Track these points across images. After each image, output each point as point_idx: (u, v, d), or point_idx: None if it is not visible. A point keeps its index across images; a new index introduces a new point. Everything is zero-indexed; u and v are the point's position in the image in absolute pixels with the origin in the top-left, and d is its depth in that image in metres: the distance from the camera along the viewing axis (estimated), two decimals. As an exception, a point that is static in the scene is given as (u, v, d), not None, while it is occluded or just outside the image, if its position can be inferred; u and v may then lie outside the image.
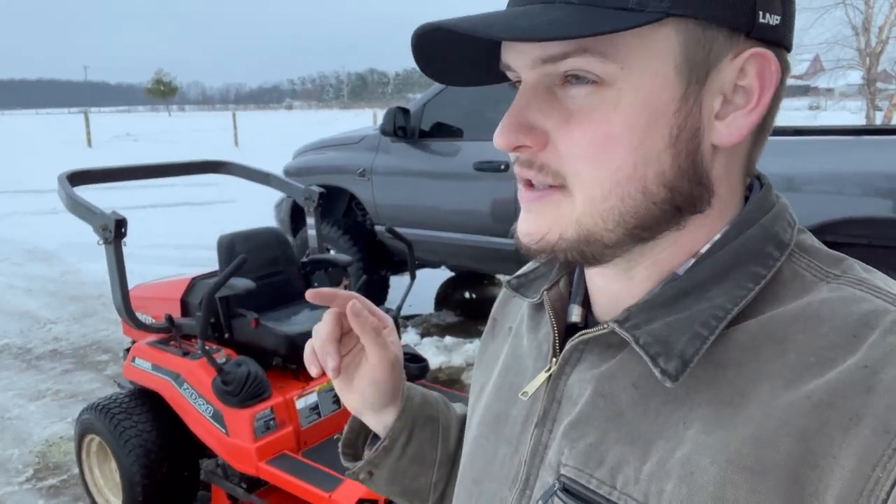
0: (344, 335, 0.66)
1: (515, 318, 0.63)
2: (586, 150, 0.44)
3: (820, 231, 2.98)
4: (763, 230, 0.46)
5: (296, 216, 4.85)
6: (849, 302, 0.42)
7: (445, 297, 5.57)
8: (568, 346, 0.51)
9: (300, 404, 2.34)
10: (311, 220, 3.05)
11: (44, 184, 11.09)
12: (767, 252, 0.46)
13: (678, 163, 0.44)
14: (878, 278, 0.45)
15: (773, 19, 0.44)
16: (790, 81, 0.51)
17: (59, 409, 3.51)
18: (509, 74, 0.49)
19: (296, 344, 2.38)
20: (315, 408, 2.38)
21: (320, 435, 2.37)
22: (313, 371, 0.64)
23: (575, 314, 0.55)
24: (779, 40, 0.45)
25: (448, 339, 4.34)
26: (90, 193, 2.51)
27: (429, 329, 4.69)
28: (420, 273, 4.96)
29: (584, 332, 0.50)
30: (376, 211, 4.51)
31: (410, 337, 4.40)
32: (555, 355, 0.53)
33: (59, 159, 14.31)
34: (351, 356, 0.66)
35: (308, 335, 2.41)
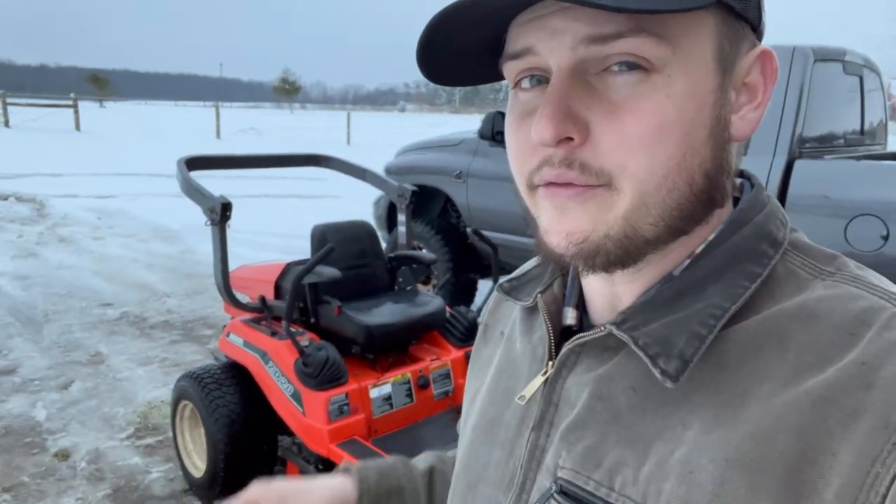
0: None
1: (507, 322, 0.63)
2: (640, 141, 0.41)
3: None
4: (757, 229, 0.46)
5: (392, 212, 4.99)
6: (845, 299, 0.42)
7: (534, 306, 5.52)
8: (564, 349, 0.50)
9: (374, 393, 2.41)
10: (402, 217, 3.14)
11: (173, 169, 12.03)
12: (762, 250, 0.46)
13: (716, 154, 0.44)
14: (872, 275, 0.45)
15: (765, 17, 0.46)
16: None
17: (164, 376, 3.80)
18: (515, 64, 0.45)
19: (374, 334, 2.46)
20: (388, 398, 2.45)
21: (391, 425, 2.43)
22: None
23: (570, 317, 0.55)
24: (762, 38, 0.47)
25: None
26: (212, 181, 2.71)
27: (513, 335, 4.68)
28: (509, 279, 4.95)
29: (580, 335, 0.49)
30: (469, 213, 4.55)
31: (494, 341, 4.41)
32: (551, 358, 0.52)
33: (189, 147, 15.47)
34: None
35: (386, 327, 2.47)
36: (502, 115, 4.30)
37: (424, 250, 4.45)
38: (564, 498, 0.47)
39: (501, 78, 0.49)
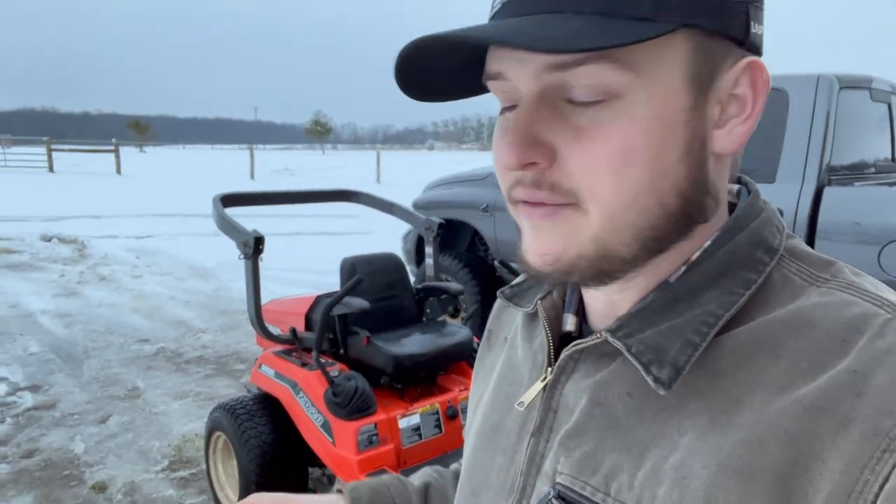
0: None
1: (510, 328, 0.63)
2: (605, 165, 0.42)
3: None
4: (752, 236, 0.47)
5: (420, 246, 5.05)
6: (839, 306, 0.42)
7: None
8: (563, 355, 0.51)
9: (402, 424, 2.43)
10: (429, 250, 3.19)
11: (208, 209, 12.34)
12: (757, 257, 0.46)
13: (692, 173, 0.44)
14: (868, 282, 0.45)
15: (760, 29, 0.44)
16: None
17: (198, 410, 3.86)
18: (496, 84, 0.46)
19: (403, 364, 2.48)
20: (417, 429, 2.46)
21: (420, 456, 2.43)
22: None
23: (569, 323, 0.55)
24: (760, 50, 0.46)
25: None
26: (246, 221, 2.79)
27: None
28: (539, 311, 4.94)
29: (578, 341, 0.50)
30: (497, 246, 4.59)
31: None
32: (550, 365, 0.53)
33: (225, 188, 15.84)
34: None
35: (414, 357, 2.49)
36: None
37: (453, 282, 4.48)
38: (562, 503, 0.47)
39: (487, 91, 0.49)
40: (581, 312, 0.55)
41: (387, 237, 9.49)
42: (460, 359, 2.73)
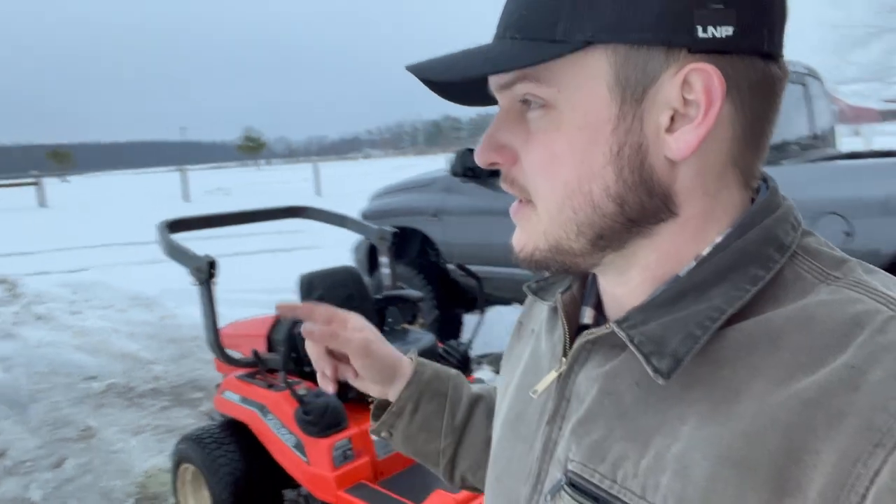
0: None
1: (538, 321, 0.66)
2: (539, 167, 0.49)
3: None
4: (764, 232, 0.47)
5: (372, 257, 5.04)
6: (843, 303, 0.43)
7: (520, 335, 5.57)
8: (575, 345, 0.53)
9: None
10: (384, 259, 3.20)
11: (145, 236, 11.88)
12: (768, 254, 0.46)
13: (622, 177, 0.46)
14: (879, 280, 0.45)
15: (723, 31, 0.43)
16: (884, 105, 0.52)
17: (158, 443, 3.74)
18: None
19: (371, 376, 2.48)
20: (390, 438, 2.46)
21: (396, 466, 2.43)
22: (329, 389, 0.78)
23: (587, 316, 0.58)
24: (742, 49, 0.44)
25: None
26: (187, 244, 2.75)
27: (504, 366, 4.71)
28: (494, 310, 5.01)
29: (588, 331, 0.52)
30: (448, 250, 4.63)
31: (485, 374, 4.43)
32: (565, 355, 0.55)
33: (159, 213, 15.35)
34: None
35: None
36: (472, 151, 4.41)
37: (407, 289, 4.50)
38: (573, 490, 0.49)
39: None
40: (599, 307, 0.58)
41: (334, 250, 9.40)
42: (426, 364, 2.75)
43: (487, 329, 3.06)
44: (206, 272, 2.52)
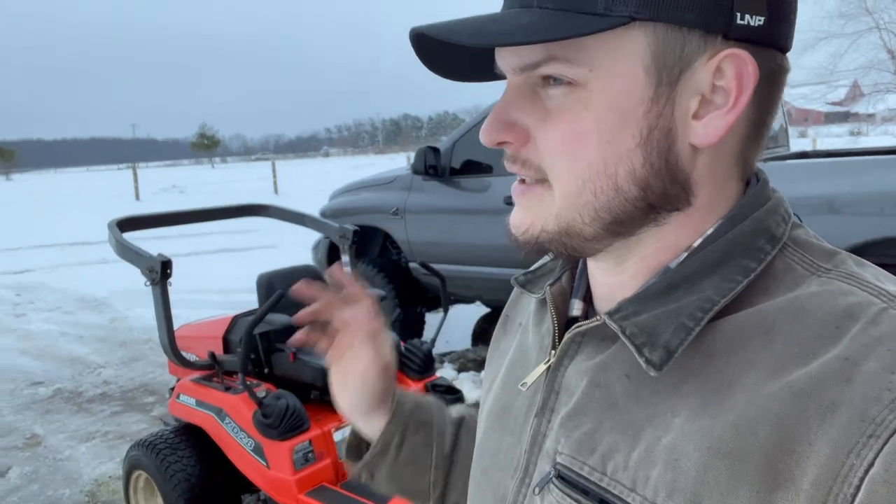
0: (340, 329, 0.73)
1: (525, 314, 0.65)
2: (560, 146, 0.46)
3: (862, 251, 2.94)
4: (755, 224, 0.47)
5: (332, 255, 4.96)
6: (835, 295, 0.43)
7: (482, 333, 5.57)
8: (565, 338, 0.52)
9: (338, 436, 2.38)
10: (345, 258, 3.14)
11: (93, 236, 11.54)
12: (759, 246, 0.46)
13: (650, 161, 0.45)
14: (869, 273, 0.45)
15: (756, 20, 0.43)
16: (828, 108, 0.52)
17: (108, 450, 3.61)
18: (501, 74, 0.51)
19: (333, 377, 2.43)
20: (352, 440, 2.42)
21: (358, 467, 2.39)
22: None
23: (576, 308, 0.57)
24: (767, 41, 0.44)
25: (484, 374, 4.34)
26: (137, 244, 2.65)
27: (465, 364, 4.70)
28: (456, 309, 5.00)
29: (579, 324, 0.51)
30: (410, 248, 4.59)
31: (447, 372, 4.41)
32: (554, 347, 0.54)
33: (108, 212, 14.87)
34: (348, 356, 0.73)
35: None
36: (433, 149, 4.39)
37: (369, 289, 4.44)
38: (562, 482, 0.49)
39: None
40: (588, 299, 0.57)
41: (292, 249, 9.27)
42: (389, 364, 2.71)
43: (449, 328, 3.04)
44: (159, 272, 2.43)
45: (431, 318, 4.97)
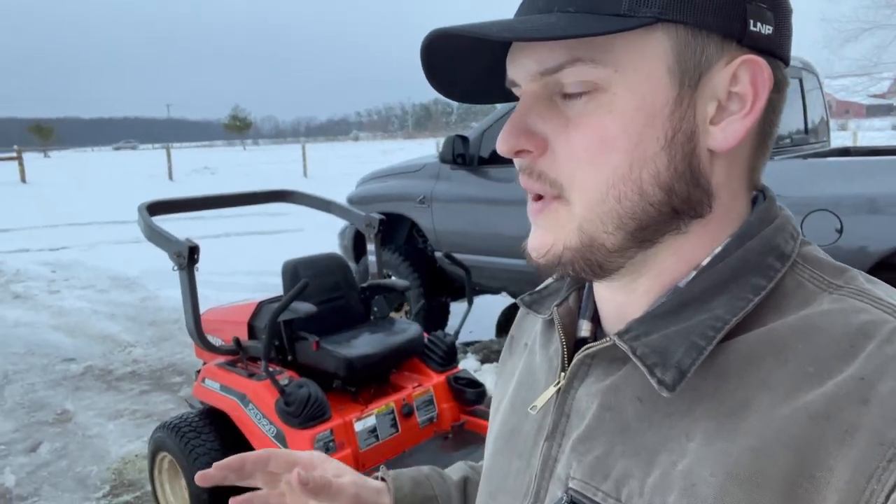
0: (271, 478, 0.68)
1: (531, 334, 0.64)
2: (584, 153, 0.45)
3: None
4: (764, 242, 0.47)
5: (358, 243, 4.97)
6: (848, 313, 0.42)
7: (506, 324, 5.55)
8: (575, 360, 0.51)
9: (358, 427, 2.39)
10: (371, 247, 3.13)
11: (127, 215, 11.73)
12: (768, 263, 0.46)
13: (674, 165, 0.45)
14: (881, 289, 0.45)
15: (766, 29, 0.44)
16: (871, 101, 0.51)
17: (136, 429, 3.68)
18: (515, 91, 0.50)
19: (355, 367, 2.43)
20: (373, 430, 2.42)
21: (378, 458, 2.40)
22: (200, 481, 0.64)
23: (584, 329, 0.56)
24: (772, 50, 0.45)
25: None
26: (170, 224, 2.67)
27: (489, 355, 4.68)
28: (481, 299, 4.97)
29: (589, 345, 0.50)
30: (436, 237, 4.57)
31: (470, 363, 4.40)
32: (563, 370, 0.53)
33: (142, 192, 15.15)
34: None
35: (366, 358, 2.46)
36: (462, 138, 4.35)
37: (394, 277, 4.44)
38: None
39: (513, 97, 0.53)
40: (596, 319, 0.56)
41: (319, 234, 9.33)
42: (412, 355, 2.71)
43: (473, 318, 3.02)
44: (187, 257, 2.45)
45: (456, 308, 4.96)
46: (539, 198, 0.49)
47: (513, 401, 0.61)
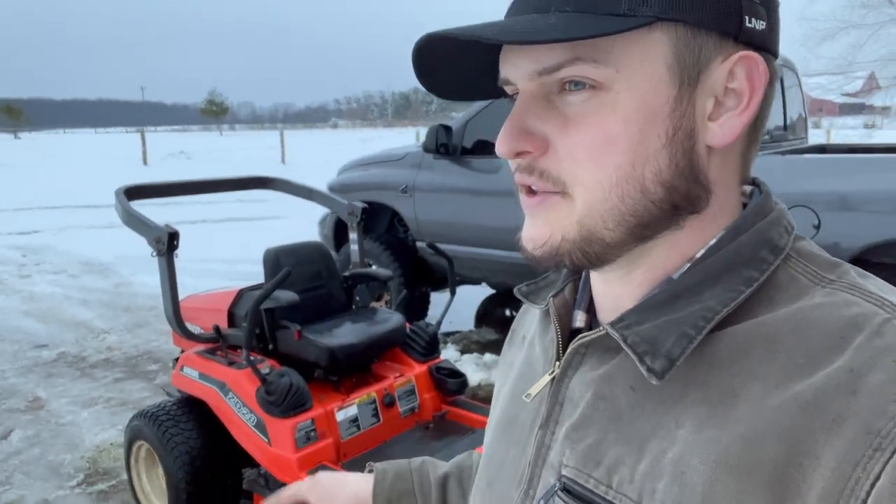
0: None
1: (530, 327, 0.65)
2: (586, 152, 0.45)
3: (870, 252, 2.90)
4: (758, 235, 0.47)
5: (339, 231, 4.93)
6: (839, 306, 0.43)
7: (486, 314, 5.57)
8: (569, 349, 0.52)
9: (340, 416, 2.37)
10: (353, 236, 3.11)
11: (101, 199, 11.53)
12: (761, 256, 0.47)
13: (675, 162, 0.45)
14: (873, 283, 0.45)
15: (759, 24, 0.45)
16: (844, 99, 0.53)
17: (111, 417, 3.62)
18: (508, 89, 0.50)
19: (337, 356, 2.42)
20: (355, 420, 2.41)
21: (359, 448, 2.39)
22: None
23: (579, 319, 0.57)
24: (765, 45, 0.46)
25: (488, 357, 4.33)
26: (146, 209, 2.62)
27: (469, 346, 4.69)
28: (461, 290, 4.97)
29: (583, 335, 0.51)
30: (418, 227, 4.55)
31: (450, 353, 4.40)
32: (558, 359, 0.54)
33: (116, 176, 14.87)
34: None
35: (348, 347, 2.45)
36: (445, 127, 4.33)
37: (375, 266, 4.42)
38: (567, 495, 0.48)
39: (505, 95, 0.53)
40: (591, 310, 0.57)
41: (299, 221, 9.23)
42: (394, 345, 2.69)
43: (453, 309, 3.02)
44: (166, 243, 2.40)
45: (436, 298, 4.95)
46: (532, 192, 0.49)
47: (512, 391, 0.62)
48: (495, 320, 5.40)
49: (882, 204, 2.91)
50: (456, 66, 0.51)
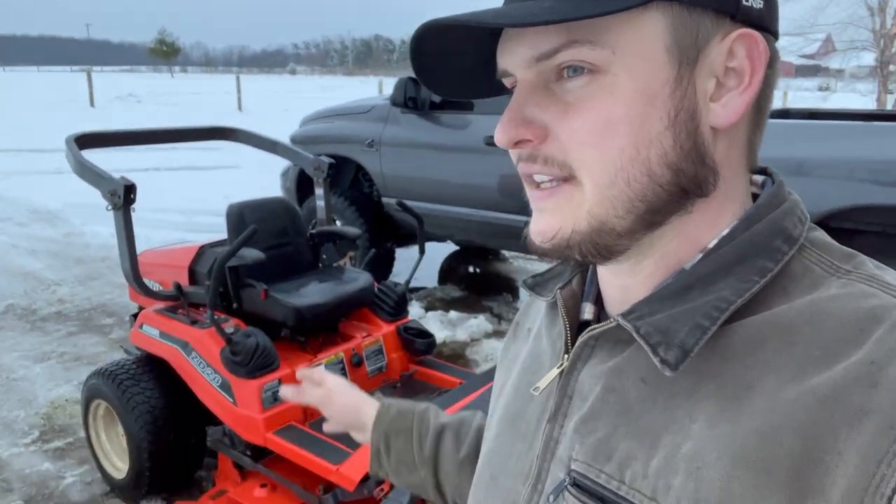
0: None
1: (536, 319, 0.64)
2: (588, 137, 0.44)
3: (831, 218, 2.96)
4: (772, 225, 0.46)
5: (302, 185, 4.81)
6: (857, 297, 0.42)
7: (450, 271, 5.57)
8: (578, 342, 0.51)
9: (307, 376, 2.34)
10: (319, 192, 3.03)
11: (47, 143, 11.00)
12: (775, 246, 0.46)
13: (679, 143, 0.44)
14: (890, 275, 0.45)
15: (757, 3, 0.45)
16: (801, 61, 0.51)
17: (65, 372, 3.52)
18: (506, 81, 0.50)
19: (304, 316, 2.37)
20: (322, 380, 2.39)
21: (327, 407, 2.37)
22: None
23: (587, 312, 0.56)
24: (764, 25, 0.45)
25: (452, 314, 4.35)
26: (95, 155, 2.48)
27: (433, 303, 4.70)
28: (427, 247, 4.94)
29: (592, 327, 0.50)
30: (384, 182, 4.47)
31: (415, 311, 4.40)
32: (567, 352, 0.53)
33: (62, 118, 14.16)
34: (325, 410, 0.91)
35: (316, 307, 2.41)
36: (414, 81, 4.21)
37: (339, 223, 4.34)
38: (577, 490, 0.48)
39: (506, 91, 0.52)
40: (599, 302, 0.56)
41: (255, 171, 9.01)
42: (362, 305, 2.66)
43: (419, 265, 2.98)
44: (122, 197, 2.29)
45: (401, 254, 4.91)
46: (537, 186, 0.48)
47: (517, 385, 0.61)
48: (459, 277, 5.41)
49: (837, 170, 2.96)
50: (453, 59, 0.50)
